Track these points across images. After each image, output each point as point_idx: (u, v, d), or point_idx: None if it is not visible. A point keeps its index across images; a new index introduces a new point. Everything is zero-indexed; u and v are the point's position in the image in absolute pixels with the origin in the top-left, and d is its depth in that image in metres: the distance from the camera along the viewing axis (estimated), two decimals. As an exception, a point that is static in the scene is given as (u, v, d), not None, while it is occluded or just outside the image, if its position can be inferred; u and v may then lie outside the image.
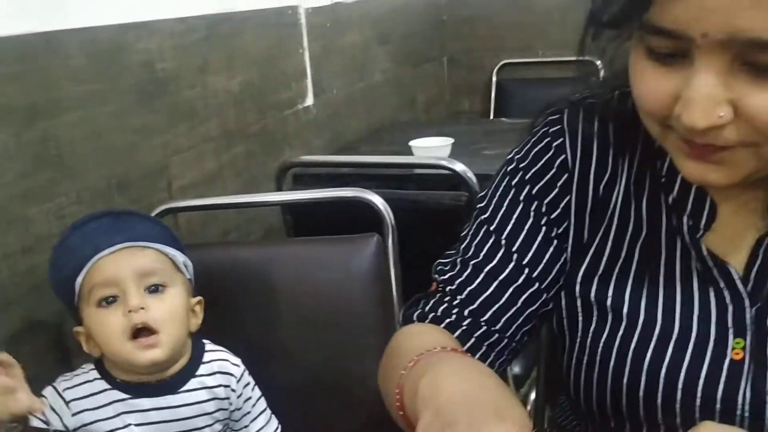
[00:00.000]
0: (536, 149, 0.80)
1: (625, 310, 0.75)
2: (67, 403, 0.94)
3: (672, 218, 0.74)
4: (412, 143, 1.85)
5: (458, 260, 0.81)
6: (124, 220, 1.03)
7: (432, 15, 2.98)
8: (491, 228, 0.80)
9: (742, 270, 0.71)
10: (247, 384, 1.06)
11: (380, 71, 2.50)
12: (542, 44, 2.98)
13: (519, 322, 0.79)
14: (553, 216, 0.79)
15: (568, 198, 0.78)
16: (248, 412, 1.06)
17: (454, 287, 0.80)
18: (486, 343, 0.79)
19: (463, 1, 3.07)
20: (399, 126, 2.52)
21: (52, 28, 1.21)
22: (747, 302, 0.70)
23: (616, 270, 0.76)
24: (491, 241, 0.80)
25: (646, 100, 0.63)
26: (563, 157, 0.78)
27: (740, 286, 0.71)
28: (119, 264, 0.95)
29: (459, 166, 1.50)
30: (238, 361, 1.06)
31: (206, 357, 1.03)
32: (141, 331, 0.94)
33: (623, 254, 0.76)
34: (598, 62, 0.71)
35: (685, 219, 0.72)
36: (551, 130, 0.79)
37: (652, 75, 0.61)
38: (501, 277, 0.79)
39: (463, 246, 0.82)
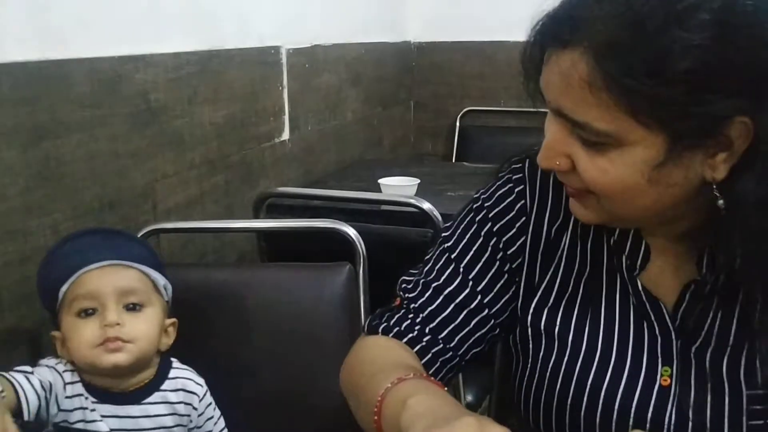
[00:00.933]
0: (500, 192, 0.91)
1: (570, 338, 0.85)
2: (65, 384, 1.00)
3: (613, 258, 0.85)
4: (381, 181, 1.97)
5: (421, 281, 0.91)
6: (114, 238, 1.10)
7: (402, 61, 3.13)
8: (452, 256, 0.90)
9: (672, 308, 0.82)
10: (209, 404, 1.11)
11: (351, 111, 2.63)
12: (504, 94, 3.13)
13: (470, 342, 0.89)
14: (509, 252, 0.89)
15: (524, 238, 0.89)
16: (209, 431, 1.11)
17: (416, 306, 0.89)
18: (441, 359, 0.89)
19: (432, 49, 3.23)
20: (366, 164, 2.64)
21: (59, 57, 1.30)
22: (674, 335, 0.82)
23: (564, 302, 0.87)
24: (451, 267, 0.90)
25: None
26: (522, 202, 0.89)
27: (669, 321, 0.82)
28: (103, 280, 1.02)
29: (426, 205, 1.62)
30: (201, 381, 1.11)
31: (172, 374, 1.08)
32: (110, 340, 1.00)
33: (570, 289, 0.87)
34: None
35: (624, 258, 0.84)
36: (514, 177, 0.90)
37: (547, 127, 0.77)
38: (457, 300, 0.89)
39: (426, 269, 0.92)
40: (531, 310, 0.89)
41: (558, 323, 0.86)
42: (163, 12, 1.58)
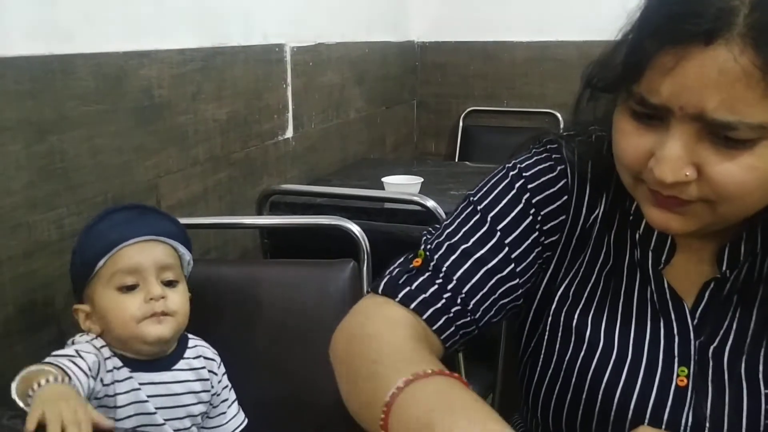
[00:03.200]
0: (541, 166, 0.85)
1: (587, 333, 0.83)
2: (104, 360, 1.01)
3: (635, 252, 0.83)
4: (385, 179, 1.97)
5: (446, 243, 0.82)
6: (148, 214, 1.11)
7: (406, 60, 3.13)
8: (487, 216, 0.83)
9: (691, 306, 0.81)
10: (224, 373, 1.16)
11: (355, 110, 2.63)
12: (507, 94, 3.14)
13: (492, 312, 0.82)
14: (546, 227, 0.84)
15: (564, 216, 0.84)
16: (225, 399, 1.15)
17: (444, 270, 0.80)
18: (462, 331, 0.81)
19: (435, 49, 3.23)
20: (369, 163, 2.64)
21: (65, 52, 1.30)
22: (692, 335, 0.80)
23: (585, 296, 0.84)
24: (484, 229, 0.82)
25: (625, 153, 0.72)
26: (565, 180, 0.84)
27: (689, 319, 0.80)
28: (143, 254, 1.04)
29: (430, 203, 1.62)
30: (214, 351, 1.16)
31: (190, 343, 1.13)
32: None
33: (591, 282, 0.84)
34: (559, 114, 0.82)
35: (649, 253, 0.82)
36: (554, 155, 0.86)
37: (632, 133, 0.71)
38: (489, 266, 0.81)
39: (450, 230, 0.83)
40: (556, 298, 0.85)
41: (576, 317, 0.84)
42: (168, 8, 1.58)
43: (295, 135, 2.17)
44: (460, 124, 3.23)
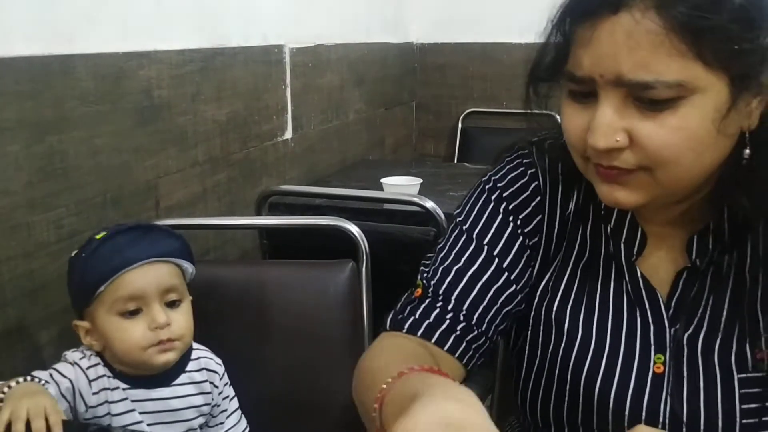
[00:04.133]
0: (513, 174, 0.90)
1: (566, 325, 0.86)
2: (90, 381, 1.00)
3: (610, 245, 0.86)
4: (384, 180, 1.97)
5: (440, 268, 0.88)
6: (150, 233, 1.07)
7: (405, 62, 3.14)
8: (473, 235, 0.88)
9: (666, 296, 0.84)
10: (227, 383, 1.14)
11: (354, 111, 2.64)
12: (506, 96, 3.14)
13: (497, 321, 0.87)
14: (527, 229, 0.89)
15: (540, 216, 0.89)
16: (225, 410, 1.14)
17: (442, 292, 0.86)
18: (474, 346, 0.86)
19: (434, 51, 3.23)
20: (368, 164, 2.64)
21: (64, 52, 1.30)
22: (667, 323, 0.83)
23: (562, 288, 0.88)
24: (472, 247, 0.88)
25: (569, 133, 0.77)
26: (536, 183, 0.89)
27: (663, 308, 0.83)
28: (146, 279, 1.01)
29: (429, 204, 1.63)
30: (219, 360, 1.13)
31: (193, 355, 1.10)
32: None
33: (568, 273, 0.88)
34: (558, 116, 0.84)
35: (621, 245, 0.85)
36: (525, 161, 0.91)
37: (573, 113, 0.76)
38: (483, 280, 0.86)
39: (441, 255, 0.89)
40: (537, 293, 0.89)
41: (555, 309, 0.88)
42: (167, 9, 1.58)
43: (294, 136, 2.17)
44: (459, 125, 3.23)
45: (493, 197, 0.90)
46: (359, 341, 1.34)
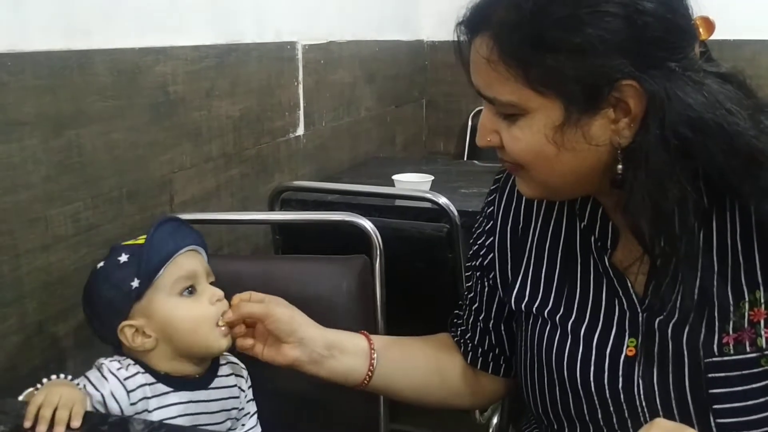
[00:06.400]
0: (479, 216, 1.07)
1: (546, 312, 0.94)
2: (128, 392, 0.98)
3: (584, 240, 0.93)
4: (396, 177, 1.98)
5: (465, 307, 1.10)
6: (183, 226, 1.10)
7: (415, 59, 3.14)
8: (477, 273, 1.07)
9: (644, 284, 0.88)
10: (250, 386, 1.15)
11: (365, 108, 2.64)
12: (516, 94, 3.15)
13: (509, 338, 1.05)
14: (481, 253, 1.04)
15: (492, 238, 1.02)
16: (247, 412, 1.14)
17: (464, 327, 1.09)
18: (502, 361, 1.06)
19: (445, 48, 3.23)
20: (379, 161, 2.65)
21: (82, 47, 1.32)
22: (639, 309, 0.88)
23: (542, 285, 0.96)
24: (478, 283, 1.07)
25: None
26: (491, 208, 1.03)
27: (633, 295, 0.89)
28: (194, 261, 1.05)
29: (443, 200, 1.63)
30: (243, 365, 1.13)
31: (222, 360, 1.11)
32: None
33: (544, 274, 0.96)
34: None
35: (592, 239, 0.92)
36: (492, 186, 1.05)
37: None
38: (480, 317, 1.06)
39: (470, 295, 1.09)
40: (514, 296, 0.99)
41: (538, 302, 0.95)
42: (183, 5, 1.59)
43: (306, 132, 2.18)
44: (469, 123, 3.23)
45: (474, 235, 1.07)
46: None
